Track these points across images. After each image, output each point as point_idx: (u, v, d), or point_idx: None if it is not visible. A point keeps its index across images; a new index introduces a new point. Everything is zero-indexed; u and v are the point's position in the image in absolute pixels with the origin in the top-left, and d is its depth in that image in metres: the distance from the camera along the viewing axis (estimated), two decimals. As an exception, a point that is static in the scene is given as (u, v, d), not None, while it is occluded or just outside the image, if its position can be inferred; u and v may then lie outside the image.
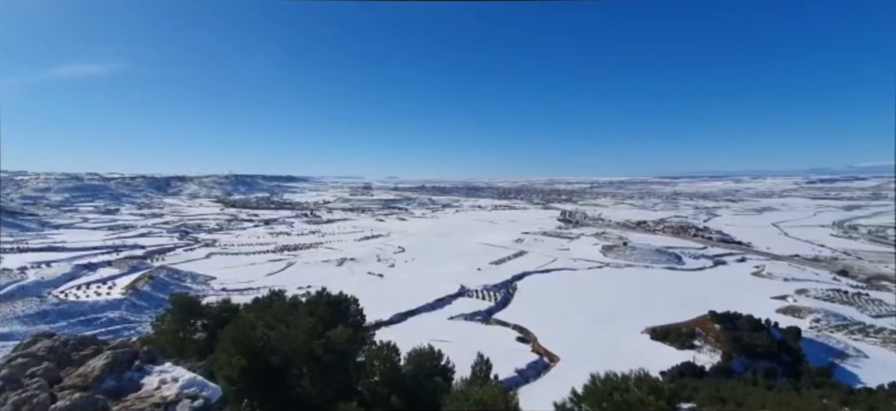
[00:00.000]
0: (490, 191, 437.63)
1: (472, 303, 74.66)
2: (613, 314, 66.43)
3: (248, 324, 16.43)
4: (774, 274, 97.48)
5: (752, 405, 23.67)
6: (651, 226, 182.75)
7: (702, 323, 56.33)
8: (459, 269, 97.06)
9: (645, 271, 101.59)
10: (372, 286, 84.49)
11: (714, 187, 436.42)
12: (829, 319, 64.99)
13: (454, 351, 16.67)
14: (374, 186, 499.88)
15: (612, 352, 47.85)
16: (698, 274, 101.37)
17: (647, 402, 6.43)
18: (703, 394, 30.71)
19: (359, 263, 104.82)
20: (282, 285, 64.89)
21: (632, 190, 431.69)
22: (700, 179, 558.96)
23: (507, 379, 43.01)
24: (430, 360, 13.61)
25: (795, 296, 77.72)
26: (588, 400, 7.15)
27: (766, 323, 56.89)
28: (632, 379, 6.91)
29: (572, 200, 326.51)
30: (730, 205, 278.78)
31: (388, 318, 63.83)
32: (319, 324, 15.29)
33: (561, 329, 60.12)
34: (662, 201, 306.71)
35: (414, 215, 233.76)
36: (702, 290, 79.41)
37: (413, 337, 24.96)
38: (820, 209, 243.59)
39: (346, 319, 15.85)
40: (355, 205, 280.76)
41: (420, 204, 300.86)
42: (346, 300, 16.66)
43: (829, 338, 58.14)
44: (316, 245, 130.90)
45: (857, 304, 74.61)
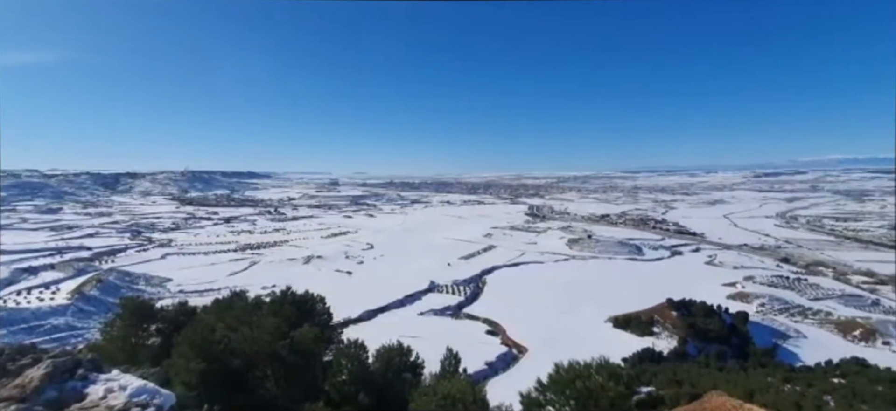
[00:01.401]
0: (459, 187, 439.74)
1: (441, 298, 74.95)
2: (579, 304, 68.60)
3: (208, 327, 15.72)
4: (725, 262, 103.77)
5: (705, 386, 25.11)
6: (613, 219, 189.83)
7: (660, 311, 59.21)
8: (429, 265, 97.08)
9: (608, 262, 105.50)
10: (340, 284, 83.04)
11: (671, 181, 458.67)
12: (773, 303, 69.95)
13: (424, 347, 16.66)
14: (341, 182, 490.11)
15: (578, 341, 49.41)
16: (657, 264, 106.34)
17: (607, 388, 6.68)
18: (662, 378, 32.32)
19: (326, 261, 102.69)
20: (244, 285, 62.63)
21: (595, 184, 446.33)
22: (658, 173, 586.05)
23: (477, 372, 43.55)
24: (399, 357, 13.53)
25: (744, 283, 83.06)
26: (552, 388, 7.33)
27: (718, 309, 60.60)
28: (593, 367, 7.16)
29: (539, 195, 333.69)
30: (685, 198, 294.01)
31: (357, 316, 63.02)
32: (284, 325, 14.86)
33: (529, 321, 61.47)
34: (624, 195, 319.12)
35: (382, 211, 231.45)
36: (660, 279, 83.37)
37: (382, 335, 24.78)
38: (765, 201, 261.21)
39: (312, 318, 15.48)
40: (322, 201, 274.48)
41: (389, 200, 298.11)
42: (312, 299, 16.27)
43: (773, 321, 62.64)
44: (281, 243, 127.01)
45: (797, 289, 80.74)
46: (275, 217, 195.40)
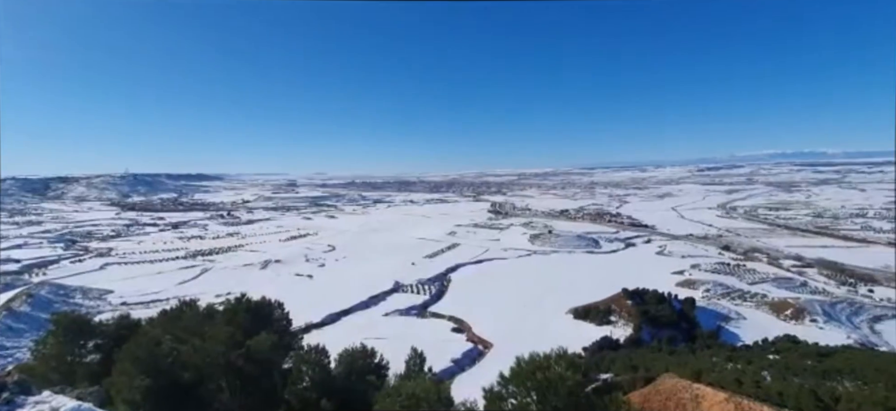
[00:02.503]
0: (422, 186, 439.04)
1: (406, 298, 74.45)
2: (541, 298, 70.40)
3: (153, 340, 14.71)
4: (674, 252, 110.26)
5: (659, 369, 26.55)
6: (572, 214, 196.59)
7: (616, 301, 61.95)
8: (393, 265, 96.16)
9: (568, 256, 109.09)
10: (300, 288, 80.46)
11: (624, 176, 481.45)
12: (717, 289, 75.12)
13: (389, 348, 16.44)
14: (299, 183, 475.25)
15: (541, 334, 50.73)
16: (613, 256, 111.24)
17: (565, 377, 6.87)
18: (619, 364, 33.85)
19: (285, 265, 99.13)
20: (195, 294, 59.11)
21: (555, 181, 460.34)
22: (613, 169, 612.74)
23: (443, 370, 43.64)
24: (363, 359, 13.26)
25: (690, 271, 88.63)
26: (514, 381, 7.45)
27: (669, 296, 64.23)
28: (552, 358, 7.34)
29: (502, 192, 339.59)
30: (637, 192, 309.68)
31: (320, 320, 61.28)
32: (239, 333, 14.16)
33: (494, 316, 62.35)
34: (582, 190, 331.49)
35: (344, 212, 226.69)
36: (616, 271, 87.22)
37: (346, 338, 24.19)
38: (708, 194, 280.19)
39: (269, 325, 14.85)
40: (279, 203, 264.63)
41: (350, 200, 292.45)
42: (269, 305, 15.62)
43: (717, 305, 67.27)
44: (235, 248, 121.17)
45: (737, 274, 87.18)
46: (228, 221, 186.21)
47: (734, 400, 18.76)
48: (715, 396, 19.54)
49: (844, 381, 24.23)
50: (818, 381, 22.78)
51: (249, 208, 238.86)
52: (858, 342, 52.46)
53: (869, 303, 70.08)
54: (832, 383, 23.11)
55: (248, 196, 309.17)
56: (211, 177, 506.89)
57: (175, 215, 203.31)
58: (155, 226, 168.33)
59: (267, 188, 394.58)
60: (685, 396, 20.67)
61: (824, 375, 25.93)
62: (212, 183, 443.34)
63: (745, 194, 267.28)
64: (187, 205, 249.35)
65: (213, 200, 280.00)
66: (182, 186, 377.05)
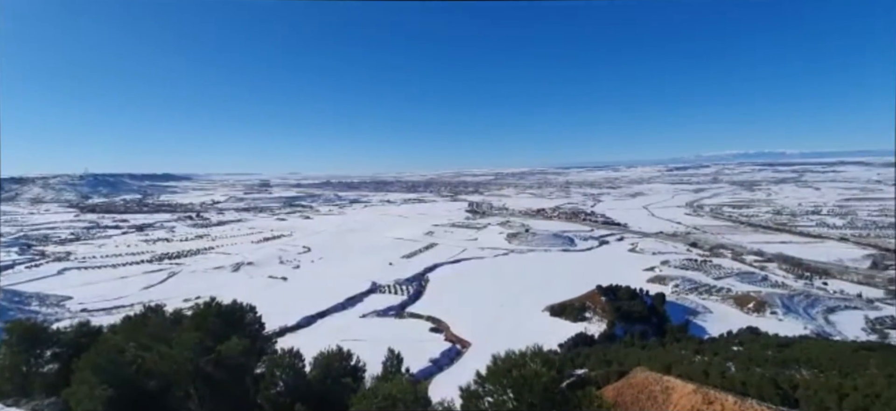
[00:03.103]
0: (399, 185, 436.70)
1: (384, 299, 73.91)
2: (518, 296, 71.27)
3: (115, 348, 14.03)
4: (645, 249, 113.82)
5: (631, 363, 27.33)
6: (548, 212, 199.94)
7: (591, 297, 63.43)
8: (370, 265, 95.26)
9: (544, 254, 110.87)
10: (274, 290, 78.67)
11: (598, 176, 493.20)
12: (685, 284, 78.03)
13: (366, 350, 16.23)
14: (272, 183, 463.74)
15: (518, 332, 51.32)
16: (588, 253, 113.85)
17: (541, 374, 6.97)
18: (593, 360, 34.63)
19: (258, 267, 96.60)
20: (162, 299, 56.79)
21: (531, 180, 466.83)
22: (587, 169, 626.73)
23: (421, 370, 43.55)
24: (339, 362, 13.04)
25: (661, 267, 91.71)
26: (491, 379, 7.49)
27: (640, 292, 66.26)
28: (528, 356, 7.43)
29: (479, 192, 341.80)
30: (610, 191, 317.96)
31: (295, 323, 60.08)
32: (209, 339, 13.66)
33: (472, 315, 62.69)
34: (557, 190, 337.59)
35: (319, 212, 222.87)
36: (591, 268, 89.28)
37: (322, 341, 23.75)
38: (677, 192, 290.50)
39: (241, 330, 14.39)
40: (251, 204, 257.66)
41: (326, 200, 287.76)
42: (240, 309, 15.13)
43: (686, 300, 69.88)
44: (205, 250, 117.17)
45: (704, 270, 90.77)
46: (197, 222, 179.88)
47: (702, 391, 19.50)
48: (684, 388, 20.25)
49: (802, 370, 25.58)
50: (778, 371, 23.96)
51: (220, 209, 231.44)
52: (814, 332, 55.60)
53: (824, 295, 74.33)
54: (791, 372, 24.36)
55: (218, 196, 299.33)
56: (178, 177, 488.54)
57: (139, 217, 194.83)
58: (117, 228, 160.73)
59: (238, 188, 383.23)
60: (656, 389, 21.34)
61: (783, 364, 27.31)
62: (179, 183, 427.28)
63: (711, 193, 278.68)
64: (153, 207, 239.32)
65: (180, 201, 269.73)
66: (147, 187, 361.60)
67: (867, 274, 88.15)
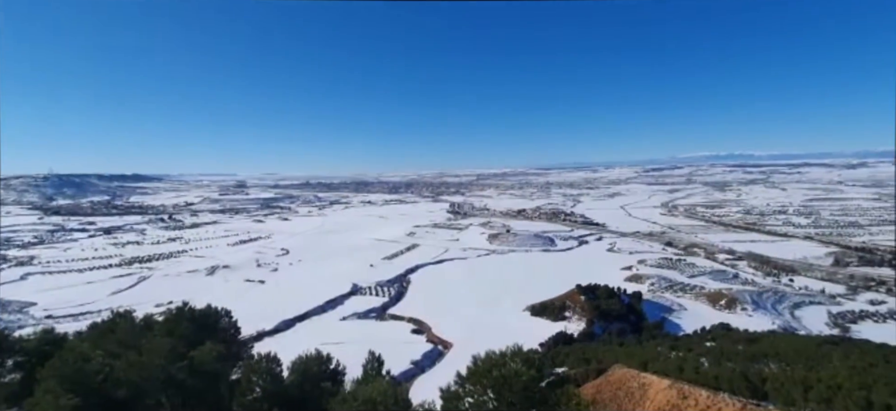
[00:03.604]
0: (380, 186, 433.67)
1: (365, 301, 73.21)
2: (500, 296, 71.74)
3: (81, 356, 13.40)
4: (623, 249, 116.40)
5: (609, 361, 27.86)
6: (529, 213, 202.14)
7: (571, 297, 64.41)
8: (351, 267, 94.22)
9: (525, 255, 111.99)
10: (251, 294, 76.87)
11: (577, 177, 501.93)
12: (661, 282, 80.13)
13: (347, 353, 16.00)
14: (249, 184, 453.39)
15: (500, 332, 51.56)
16: (567, 253, 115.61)
17: (521, 373, 7.01)
18: (573, 358, 35.17)
19: (234, 270, 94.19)
20: (131, 304, 54.59)
21: (512, 181, 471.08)
22: (567, 170, 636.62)
23: (403, 372, 43.31)
24: (318, 366, 12.79)
25: (638, 266, 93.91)
26: (471, 379, 7.49)
27: (618, 291, 67.64)
28: (508, 355, 7.46)
29: (460, 192, 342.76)
30: (589, 191, 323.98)
31: (273, 327, 58.84)
32: (181, 345, 13.22)
33: (453, 316, 62.73)
34: (538, 190, 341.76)
35: (298, 214, 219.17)
36: (571, 267, 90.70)
37: (301, 344, 23.31)
38: (653, 193, 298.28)
39: (215, 335, 13.96)
40: (227, 205, 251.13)
41: (305, 201, 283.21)
42: (215, 313, 14.68)
43: (661, 297, 71.76)
44: (178, 254, 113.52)
45: (678, 268, 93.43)
46: (169, 225, 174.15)
47: (677, 386, 20.05)
48: (660, 384, 20.79)
49: (770, 363, 26.61)
50: (748, 365, 24.85)
51: (194, 211, 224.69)
52: (781, 327, 57.96)
53: (790, 291, 77.57)
54: (760, 366, 25.30)
55: (191, 198, 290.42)
56: (149, 177, 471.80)
57: (108, 219, 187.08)
58: (84, 231, 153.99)
59: (213, 189, 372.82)
60: (633, 385, 21.82)
61: (753, 359, 28.34)
62: (150, 184, 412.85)
63: (685, 193, 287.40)
64: (122, 209, 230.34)
65: (152, 203, 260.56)
66: (116, 188, 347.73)
67: (830, 271, 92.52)
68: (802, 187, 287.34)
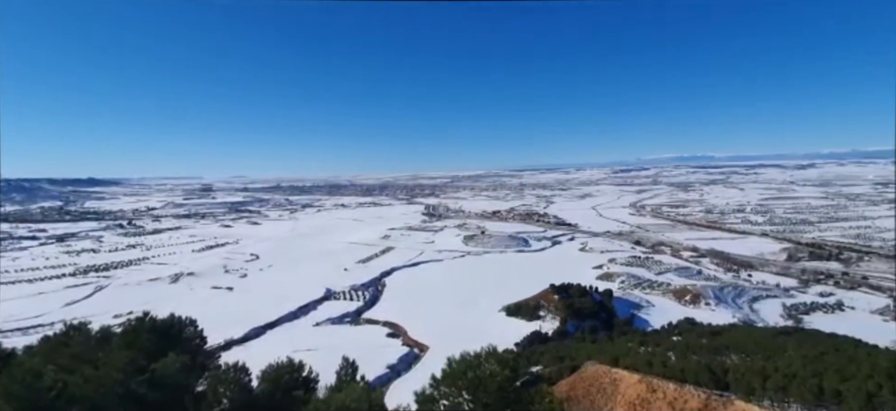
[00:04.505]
0: (354, 189, 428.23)
1: (339, 306, 71.99)
2: (475, 297, 72.11)
3: (32, 372, 12.49)
4: (594, 248, 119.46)
5: (582, 358, 28.48)
6: (503, 214, 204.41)
7: (545, 296, 65.51)
8: (324, 272, 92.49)
9: (500, 255, 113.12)
10: (219, 301, 74.18)
11: (550, 178, 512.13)
12: (630, 280, 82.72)
13: (321, 359, 15.63)
14: (216, 188, 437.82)
15: (476, 333, 51.73)
16: (541, 253, 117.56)
17: (495, 374, 7.05)
18: (548, 356, 35.73)
19: (200, 277, 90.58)
20: (87, 316, 51.58)
21: (487, 182, 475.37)
22: (540, 171, 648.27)
23: (378, 377, 42.82)
24: (289, 374, 12.40)
25: (608, 265, 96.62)
26: (446, 382, 7.46)
27: (590, 289, 69.35)
28: (483, 356, 7.48)
29: (435, 194, 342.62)
30: (562, 192, 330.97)
31: (242, 335, 56.94)
32: (141, 357, 12.55)
33: (429, 318, 62.57)
34: (512, 192, 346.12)
35: (268, 218, 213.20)
36: (545, 267, 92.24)
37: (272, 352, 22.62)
38: (621, 193, 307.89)
39: (179, 345, 13.32)
40: (192, 210, 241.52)
41: (275, 205, 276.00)
42: (178, 323, 14.01)
43: (631, 295, 74.09)
44: (138, 261, 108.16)
45: (646, 266, 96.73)
46: (128, 231, 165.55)
47: (646, 380, 20.71)
48: (630, 378, 21.42)
49: (732, 355, 27.92)
50: (711, 357, 25.99)
51: (155, 216, 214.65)
52: (741, 320, 60.98)
53: (749, 286, 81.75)
54: (722, 358, 26.51)
55: (153, 202, 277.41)
56: (106, 181, 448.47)
57: (60, 226, 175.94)
58: (34, 239, 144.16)
59: (177, 193, 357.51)
60: (605, 381, 22.39)
61: (716, 351, 29.67)
62: (107, 188, 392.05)
63: (652, 194, 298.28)
64: (76, 215, 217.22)
65: (109, 208, 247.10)
66: (69, 193, 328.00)
67: (784, 265, 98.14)
68: (758, 187, 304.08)
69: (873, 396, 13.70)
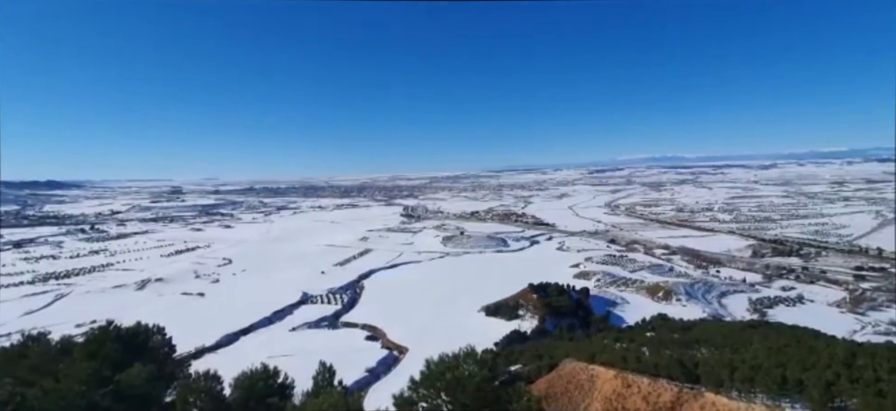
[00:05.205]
0: (331, 191, 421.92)
1: (316, 310, 70.71)
2: (455, 298, 72.17)
3: (-17, 388, 11.74)
4: (571, 247, 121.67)
5: (560, 356, 28.90)
6: (482, 215, 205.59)
7: (524, 295, 66.21)
8: (300, 275, 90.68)
9: (479, 256, 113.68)
10: (189, 308, 71.64)
11: (528, 178, 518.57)
12: (606, 278, 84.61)
13: (297, 365, 15.31)
14: (185, 190, 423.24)
15: (455, 334, 51.85)
16: (520, 253, 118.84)
17: (474, 375, 7.06)
18: (527, 355, 36.09)
19: (169, 283, 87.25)
20: (47, 325, 48.76)
21: (465, 183, 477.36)
22: (518, 172, 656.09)
23: (357, 381, 42.27)
24: (264, 381, 12.07)
25: (585, 263, 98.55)
26: (424, 384, 7.42)
27: (568, 288, 70.52)
28: (461, 357, 7.48)
29: (414, 195, 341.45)
30: (539, 193, 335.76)
31: (214, 343, 55.15)
32: (105, 368, 11.98)
33: (409, 320, 62.22)
34: (491, 192, 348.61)
35: (242, 221, 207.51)
36: (523, 267, 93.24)
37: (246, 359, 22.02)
38: (597, 193, 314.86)
39: (146, 355, 12.79)
40: (160, 213, 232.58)
41: (249, 207, 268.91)
42: (145, 331, 13.45)
43: (607, 292, 75.79)
44: (102, 267, 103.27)
45: (621, 264, 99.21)
46: (91, 236, 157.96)
47: (621, 376, 21.20)
48: (606, 374, 21.88)
49: (702, 349, 28.92)
50: (683, 351, 26.84)
51: (120, 220, 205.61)
52: (711, 315, 63.29)
53: (717, 281, 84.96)
54: (693, 352, 27.42)
55: (118, 206, 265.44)
56: (67, 184, 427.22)
57: (17, 231, 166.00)
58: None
59: (143, 196, 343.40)
60: (583, 377, 22.80)
61: (687, 346, 30.67)
62: (68, 192, 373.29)
63: (626, 193, 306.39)
64: (35, 219, 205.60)
65: (70, 212, 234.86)
66: (27, 197, 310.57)
67: (749, 261, 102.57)
68: (725, 186, 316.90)
69: (832, 385, 14.48)
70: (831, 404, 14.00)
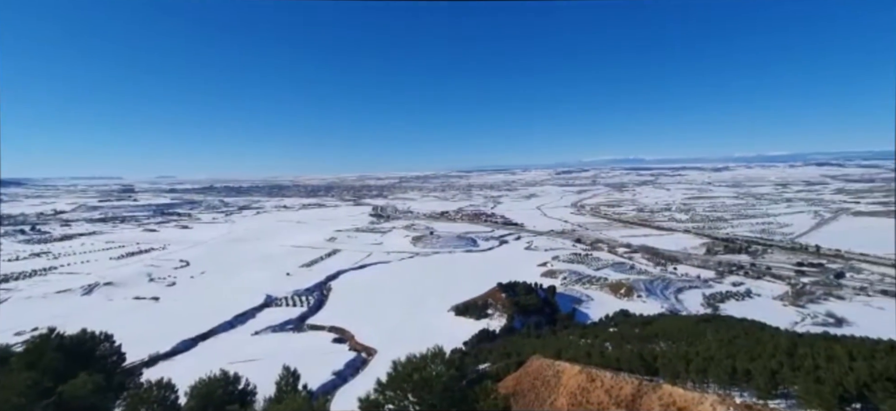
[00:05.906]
0: (296, 190, 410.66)
1: (281, 312, 68.59)
2: (424, 298, 71.99)
3: None
4: (539, 246, 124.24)
5: (528, 353, 29.43)
6: (452, 215, 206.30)
7: (492, 294, 66.93)
8: (264, 277, 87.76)
9: (448, 256, 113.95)
10: (142, 313, 67.73)
11: (497, 179, 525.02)
12: (572, 276, 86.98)
13: (260, 370, 14.80)
14: (137, 189, 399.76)
15: (424, 334, 51.77)
16: (489, 252, 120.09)
17: (441, 374, 7.04)
18: (495, 353, 36.52)
19: (120, 287, 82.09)
20: (-19, 335, 44.85)
21: (435, 183, 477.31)
22: (487, 172, 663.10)
23: (323, 384, 41.30)
24: (223, 388, 11.57)
25: (552, 262, 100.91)
26: (391, 385, 7.33)
27: (535, 286, 71.92)
28: (429, 358, 7.45)
29: (383, 195, 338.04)
30: (508, 193, 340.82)
31: (169, 349, 52.36)
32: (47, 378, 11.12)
33: (377, 321, 61.50)
34: (460, 192, 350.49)
35: (201, 221, 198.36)
36: (492, 266, 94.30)
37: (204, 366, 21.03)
38: (564, 194, 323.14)
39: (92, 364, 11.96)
40: (109, 213, 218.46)
41: (209, 207, 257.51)
42: (91, 339, 12.58)
43: (572, 290, 77.89)
44: (44, 271, 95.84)
45: (586, 262, 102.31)
46: (32, 237, 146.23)
47: (586, 370, 21.83)
48: (571, 370, 22.46)
49: (660, 342, 30.27)
50: (643, 345, 27.99)
51: (65, 220, 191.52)
52: (669, 310, 66.40)
53: (675, 278, 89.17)
54: (652, 345, 28.65)
55: (62, 205, 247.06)
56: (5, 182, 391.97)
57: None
58: None
59: (90, 195, 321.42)
60: (549, 374, 23.29)
61: (646, 340, 32.01)
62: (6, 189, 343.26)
63: (591, 193, 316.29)
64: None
65: (8, 212, 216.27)
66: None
67: (704, 258, 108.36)
68: (682, 187, 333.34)
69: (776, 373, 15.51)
70: (775, 391, 15.01)
